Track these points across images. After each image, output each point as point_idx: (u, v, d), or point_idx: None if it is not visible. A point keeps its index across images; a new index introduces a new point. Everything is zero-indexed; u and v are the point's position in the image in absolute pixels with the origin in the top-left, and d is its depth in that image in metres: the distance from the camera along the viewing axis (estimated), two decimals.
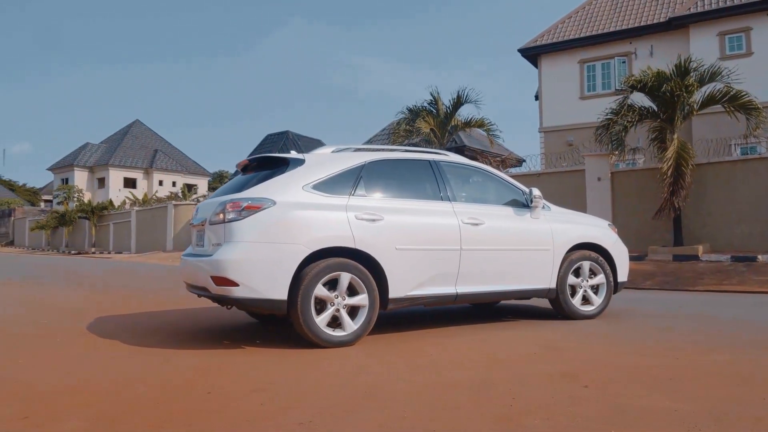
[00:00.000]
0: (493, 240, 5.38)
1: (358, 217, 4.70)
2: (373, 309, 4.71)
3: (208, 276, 4.49)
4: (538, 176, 16.22)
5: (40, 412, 3.09)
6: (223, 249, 4.48)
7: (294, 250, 4.46)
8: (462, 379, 3.63)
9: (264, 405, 3.16)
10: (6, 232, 46.50)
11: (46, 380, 3.77)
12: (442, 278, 5.09)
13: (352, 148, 5.39)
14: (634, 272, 11.19)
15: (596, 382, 3.52)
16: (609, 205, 14.53)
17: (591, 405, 3.06)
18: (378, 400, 3.23)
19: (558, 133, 21.32)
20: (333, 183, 4.82)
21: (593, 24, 21.63)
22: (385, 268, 4.76)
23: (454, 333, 5.30)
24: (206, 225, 4.84)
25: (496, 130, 17.44)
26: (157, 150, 52.87)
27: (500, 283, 5.46)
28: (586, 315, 5.94)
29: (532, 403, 3.11)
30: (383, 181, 5.12)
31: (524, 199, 5.75)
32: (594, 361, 4.11)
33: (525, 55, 22.50)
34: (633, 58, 20.49)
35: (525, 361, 4.14)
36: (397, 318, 6.24)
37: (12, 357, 4.51)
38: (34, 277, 13.58)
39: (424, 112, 17.19)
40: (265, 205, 4.50)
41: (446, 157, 5.70)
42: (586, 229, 6.13)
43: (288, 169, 4.84)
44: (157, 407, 3.15)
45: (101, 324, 6.02)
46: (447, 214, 5.18)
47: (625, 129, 13.75)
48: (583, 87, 21.33)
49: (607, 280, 6.08)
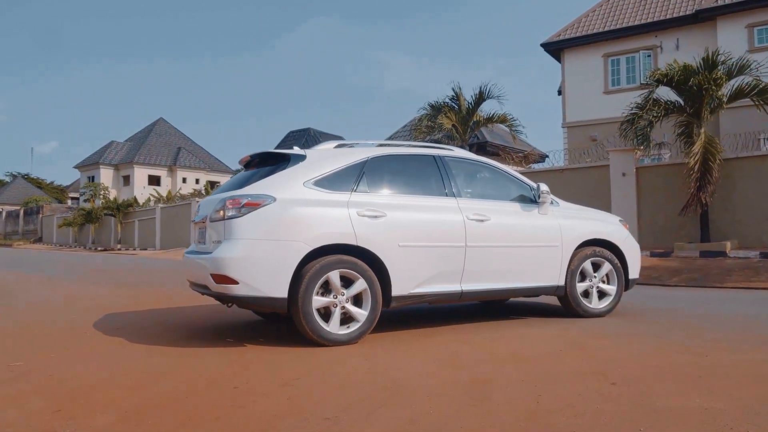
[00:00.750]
0: (499, 236, 5.29)
1: (360, 214, 4.64)
2: (376, 307, 4.65)
3: (208, 274, 4.45)
4: (562, 172, 16.06)
5: (72, 406, 3.15)
6: (222, 246, 4.44)
7: (294, 248, 4.41)
8: (487, 376, 3.62)
9: (291, 400, 3.18)
10: (34, 229, 47.42)
11: (77, 375, 3.84)
12: (447, 275, 5.01)
13: (355, 144, 5.33)
14: (660, 269, 11.07)
15: (624, 379, 3.47)
16: (634, 200, 14.33)
17: (619, 403, 3.03)
18: (403, 395, 3.23)
19: (581, 128, 21.08)
20: (335, 179, 4.76)
21: (618, 17, 21.32)
22: (388, 266, 4.70)
23: (476, 329, 5.27)
24: (207, 222, 4.80)
25: (519, 126, 17.29)
26: (181, 148, 53.43)
27: (506, 280, 5.36)
28: (596, 313, 5.80)
29: (559, 400, 3.09)
30: (386, 177, 5.05)
31: (532, 194, 5.64)
32: (621, 358, 4.07)
33: (548, 49, 22.26)
34: (658, 52, 20.15)
35: (550, 358, 4.11)
36: (418, 314, 6.23)
37: (44, 352, 4.60)
38: (63, 273, 13.83)
39: (446, 108, 17.11)
40: (265, 201, 4.46)
41: (451, 152, 5.60)
42: (596, 224, 6.00)
43: (289, 165, 4.78)
44: (185, 402, 3.20)
45: (127, 319, 6.11)
46: (452, 210, 5.10)
47: (651, 124, 13.53)
48: (608, 81, 21.04)
49: (618, 277, 5.94)
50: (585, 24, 21.77)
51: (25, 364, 4.12)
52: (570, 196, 15.25)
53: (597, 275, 5.86)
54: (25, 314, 6.61)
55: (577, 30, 21.69)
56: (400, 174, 5.18)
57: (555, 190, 16.07)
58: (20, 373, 3.89)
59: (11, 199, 56.67)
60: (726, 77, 12.75)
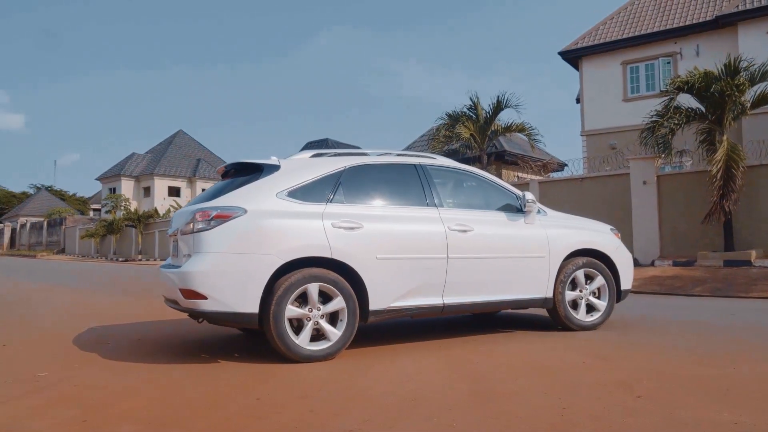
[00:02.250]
0: (482, 247, 5.12)
1: (335, 225, 4.49)
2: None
3: (177, 288, 4.33)
4: (581, 181, 15.95)
5: (97, 416, 3.19)
6: (191, 260, 4.32)
7: (265, 261, 4.26)
8: (508, 388, 3.59)
9: (313, 411, 3.18)
10: (57, 240, 48.14)
11: (102, 385, 3.88)
12: (428, 288, 4.84)
13: (332, 153, 5.16)
14: (683, 278, 10.91)
15: (650, 392, 3.42)
16: (655, 209, 14.17)
17: (645, 416, 2.98)
18: (425, 407, 3.21)
19: (601, 136, 20.91)
20: (309, 190, 4.61)
21: (636, 24, 21.18)
22: (365, 279, 4.53)
23: (494, 340, 5.23)
24: (178, 235, 4.67)
25: (537, 135, 17.24)
26: (200, 159, 54.00)
27: (491, 292, 5.19)
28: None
29: (584, 413, 3.05)
30: (364, 187, 4.89)
31: (518, 204, 5.46)
32: (646, 370, 4.00)
33: (566, 58, 22.17)
34: (678, 59, 19.97)
35: (574, 370, 4.06)
36: (438, 325, 6.21)
37: (69, 362, 4.66)
38: (87, 284, 14.01)
39: (464, 117, 17.10)
40: (235, 213, 4.32)
41: (433, 160, 5.44)
42: (586, 234, 5.81)
43: (262, 175, 4.65)
44: (208, 413, 3.21)
45: (149, 329, 6.17)
46: (432, 221, 4.94)
47: (672, 131, 13.40)
48: (627, 89, 20.89)
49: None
50: (603, 31, 21.65)
51: (50, 375, 4.18)
52: (589, 205, 15.25)
53: (587, 287, 5.67)
54: (48, 325, 6.70)
55: (595, 38, 21.58)
56: (379, 184, 5.02)
57: (574, 198, 16.04)
58: (46, 383, 3.94)
59: (35, 211, 57.64)
60: (749, 83, 12.59)
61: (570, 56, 22.02)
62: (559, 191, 16.32)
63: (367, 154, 5.20)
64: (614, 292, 5.79)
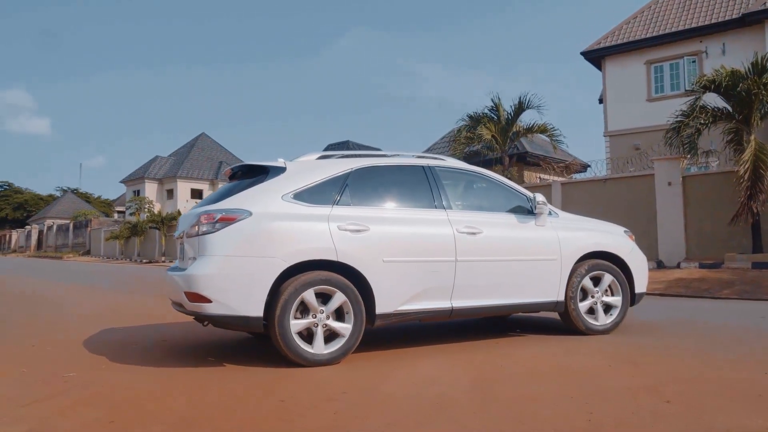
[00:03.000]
0: (492, 250, 5.03)
1: (341, 228, 4.44)
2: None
3: (182, 291, 4.31)
4: (604, 182, 15.76)
5: (124, 417, 3.22)
6: (196, 263, 4.30)
7: (270, 264, 4.22)
8: (534, 392, 3.55)
9: (337, 414, 3.18)
10: (83, 242, 48.91)
11: (128, 386, 3.93)
12: (436, 292, 4.77)
13: (339, 155, 5.11)
14: (710, 281, 10.72)
15: (679, 397, 3.36)
16: (680, 210, 13.95)
17: (675, 421, 2.93)
18: (449, 411, 3.19)
19: (624, 137, 20.66)
20: (315, 192, 4.57)
21: (660, 23, 20.89)
22: (371, 282, 4.48)
23: (517, 344, 5.19)
24: (184, 238, 4.66)
25: (560, 136, 17.06)
26: (222, 162, 54.44)
27: (500, 296, 5.10)
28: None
29: (612, 418, 3.00)
30: (371, 189, 4.83)
31: (529, 205, 5.37)
32: (675, 374, 3.94)
33: (588, 57, 21.95)
34: (703, 58, 19.64)
35: (599, 374, 4.01)
36: (459, 329, 6.17)
37: (96, 363, 4.72)
38: (112, 285, 14.21)
39: (485, 118, 17.01)
40: (240, 216, 4.30)
41: (443, 162, 5.37)
42: (598, 236, 5.69)
43: (268, 177, 4.62)
44: (233, 415, 3.23)
45: (173, 331, 6.23)
46: (441, 223, 4.87)
47: (698, 131, 13.18)
48: (651, 89, 20.60)
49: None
50: (626, 31, 21.40)
51: (78, 376, 4.24)
52: (613, 206, 15.08)
53: (600, 290, 5.54)
54: (75, 325, 6.80)
55: (618, 37, 21.33)
56: (386, 186, 4.97)
57: (597, 200, 15.86)
58: (74, 384, 4.00)
59: (61, 213, 58.65)
60: None
61: (593, 56, 21.80)
62: (582, 193, 16.15)
63: (375, 156, 5.17)
64: (628, 295, 5.66)
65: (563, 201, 16.33)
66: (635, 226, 14.83)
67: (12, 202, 66.33)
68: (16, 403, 3.55)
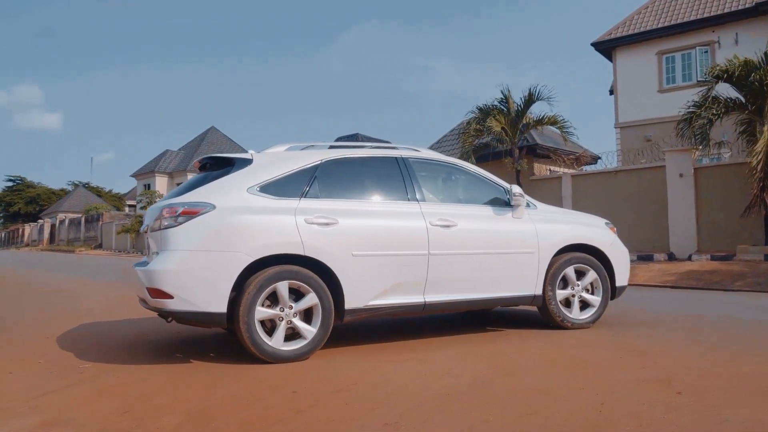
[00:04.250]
0: (466, 243, 4.93)
1: (308, 221, 4.35)
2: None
3: (144, 287, 4.23)
4: (615, 174, 15.67)
5: (139, 408, 3.27)
6: (158, 259, 4.21)
7: (234, 259, 4.13)
8: (544, 384, 3.56)
9: (348, 405, 3.21)
10: (95, 236, 49.29)
11: (142, 378, 3.98)
12: (408, 286, 4.68)
13: (308, 146, 4.98)
14: (722, 273, 10.65)
15: (690, 389, 3.36)
16: (692, 202, 13.85)
17: (686, 414, 2.93)
18: (461, 402, 3.21)
19: (635, 128, 20.50)
20: (282, 184, 4.47)
21: (672, 13, 20.67)
22: (340, 277, 4.39)
23: (527, 336, 5.18)
24: (149, 232, 4.54)
25: (570, 127, 16.87)
26: None
27: (475, 290, 5.00)
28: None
29: (622, 409, 3.01)
30: (341, 181, 4.73)
31: (506, 197, 5.28)
32: (686, 367, 3.93)
33: (599, 48, 21.75)
34: (716, 48, 19.42)
35: (610, 366, 4.00)
36: (471, 320, 6.18)
37: (109, 355, 4.78)
38: (124, 278, 14.32)
39: (495, 110, 16.90)
40: (202, 209, 4.19)
41: (417, 153, 5.25)
42: (578, 228, 5.58)
43: (233, 170, 4.51)
44: (247, 406, 3.27)
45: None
46: (413, 216, 4.77)
47: (710, 122, 13.07)
48: (662, 80, 20.41)
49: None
50: (638, 21, 21.19)
51: (93, 367, 4.30)
52: (624, 198, 14.99)
53: (579, 283, 5.46)
54: (90, 317, 6.87)
55: (629, 28, 21.13)
56: (357, 178, 4.86)
57: (608, 192, 15.78)
58: (89, 375, 4.05)
59: (73, 207, 59.08)
60: None
61: (603, 47, 21.61)
62: (593, 185, 16.07)
63: (346, 147, 5.06)
64: (608, 288, 5.57)
65: (573, 193, 16.26)
66: (646, 218, 14.87)
67: (25, 197, 66.89)
68: (33, 393, 3.61)
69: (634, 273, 11.50)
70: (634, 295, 8.70)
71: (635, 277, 11.17)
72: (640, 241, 14.56)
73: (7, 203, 67.44)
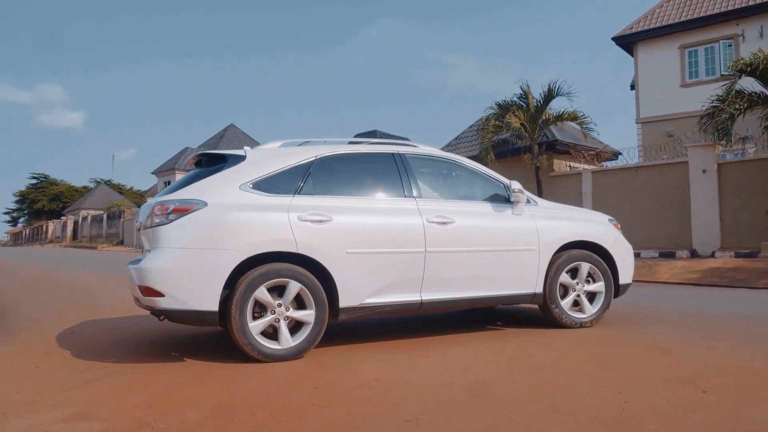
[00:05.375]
0: (464, 240, 4.85)
1: (301, 219, 4.29)
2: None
3: (136, 285, 4.21)
4: (637, 170, 15.48)
5: (163, 402, 3.31)
6: (149, 256, 4.19)
7: (225, 257, 4.08)
8: (568, 381, 3.54)
9: (370, 401, 3.22)
10: (117, 233, 49.91)
11: (166, 373, 4.03)
12: (404, 284, 4.61)
13: (304, 142, 4.93)
14: (746, 270, 10.48)
15: (716, 387, 3.31)
16: (715, 199, 13.64)
17: (712, 412, 2.89)
18: (483, 400, 3.20)
19: (657, 123, 20.22)
20: (276, 181, 4.42)
21: (695, 6, 20.33)
22: (334, 275, 4.34)
23: (549, 333, 5.14)
24: (141, 229, 4.50)
25: (590, 123, 16.67)
26: None
27: (474, 288, 4.91)
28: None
29: (646, 407, 2.98)
30: (336, 178, 4.67)
31: (506, 193, 5.18)
32: (711, 365, 3.87)
33: (619, 43, 21.49)
34: (740, 41, 19.08)
35: (634, 364, 3.96)
36: (492, 317, 6.16)
37: (132, 350, 4.85)
38: None
39: (514, 106, 16.77)
40: (194, 207, 4.15)
41: (414, 149, 5.17)
42: (580, 225, 5.47)
43: (226, 166, 4.48)
44: (269, 401, 3.29)
45: None
46: (409, 213, 4.70)
47: (733, 117, 12.84)
48: (684, 74, 20.10)
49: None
50: (659, 15, 20.89)
51: (117, 362, 4.36)
52: (645, 194, 14.81)
53: (581, 281, 5.35)
54: (112, 313, 6.97)
55: (651, 22, 20.84)
56: (352, 175, 4.80)
57: (629, 188, 15.59)
58: (114, 370, 4.12)
59: (95, 204, 59.88)
60: None
61: (624, 41, 21.35)
62: (613, 181, 15.90)
63: (342, 144, 5.00)
64: (611, 286, 5.46)
65: (594, 189, 16.10)
66: (668, 215, 14.68)
67: (48, 194, 67.94)
68: (60, 387, 3.67)
69: (656, 270, 11.38)
70: (657, 293, 8.60)
71: (657, 275, 11.05)
72: (662, 238, 14.38)
73: (31, 200, 68.53)
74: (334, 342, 4.86)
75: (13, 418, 3.08)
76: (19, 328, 6.13)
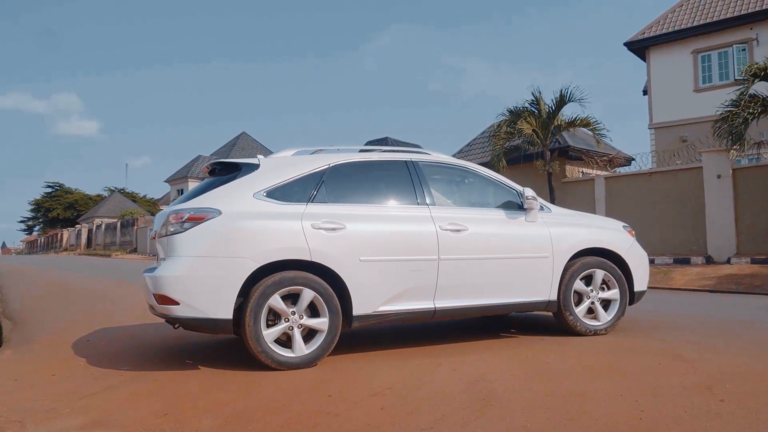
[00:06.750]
0: (477, 248, 4.84)
1: (315, 227, 4.30)
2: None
3: (151, 294, 4.25)
4: (650, 175, 15.37)
5: (178, 410, 3.33)
6: (164, 265, 4.22)
7: (239, 265, 4.11)
8: (583, 389, 3.51)
9: (384, 409, 3.22)
10: (130, 240, 50.29)
11: (181, 380, 4.05)
12: (418, 292, 4.61)
13: (317, 150, 4.93)
14: (763, 277, 10.36)
15: (734, 395, 3.28)
16: (731, 204, 13.51)
17: (730, 421, 2.86)
18: (498, 408, 3.19)
19: (670, 129, 20.09)
20: (289, 189, 4.45)
21: (708, 11, 20.22)
22: (348, 282, 4.35)
23: (564, 341, 5.11)
24: (157, 238, 4.54)
25: (603, 129, 16.56)
26: None
27: (487, 296, 4.91)
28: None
29: (664, 415, 2.95)
30: (349, 186, 4.70)
31: (519, 200, 5.18)
32: (729, 373, 3.83)
33: (632, 48, 21.40)
34: (754, 45, 18.92)
35: (650, 372, 3.93)
36: (505, 324, 6.13)
37: (149, 357, 4.88)
38: None
39: (526, 112, 16.72)
40: (208, 215, 4.19)
41: (427, 156, 5.17)
42: (594, 232, 5.45)
43: (240, 175, 4.50)
44: (284, 409, 3.30)
45: None
46: (423, 220, 4.70)
47: (746, 121, 12.73)
48: (698, 79, 19.97)
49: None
50: (672, 20, 20.79)
51: (132, 370, 4.39)
52: (659, 200, 14.70)
53: (596, 288, 5.32)
54: (128, 321, 7.02)
55: (663, 27, 20.74)
56: (365, 182, 4.83)
57: (642, 194, 15.48)
58: (130, 377, 4.15)
59: (109, 213, 60.39)
60: None
61: (637, 47, 21.26)
62: (627, 187, 15.80)
63: (354, 151, 5.02)
64: (626, 293, 5.41)
65: (607, 195, 16.01)
66: (682, 221, 14.55)
67: (63, 202, 68.67)
68: (76, 395, 3.71)
69: (671, 277, 11.28)
70: (673, 299, 8.52)
71: (672, 281, 10.95)
72: (677, 244, 14.26)
73: (46, 209, 69.30)
74: (348, 349, 4.86)
75: (31, 425, 3.11)
76: (37, 335, 6.19)
